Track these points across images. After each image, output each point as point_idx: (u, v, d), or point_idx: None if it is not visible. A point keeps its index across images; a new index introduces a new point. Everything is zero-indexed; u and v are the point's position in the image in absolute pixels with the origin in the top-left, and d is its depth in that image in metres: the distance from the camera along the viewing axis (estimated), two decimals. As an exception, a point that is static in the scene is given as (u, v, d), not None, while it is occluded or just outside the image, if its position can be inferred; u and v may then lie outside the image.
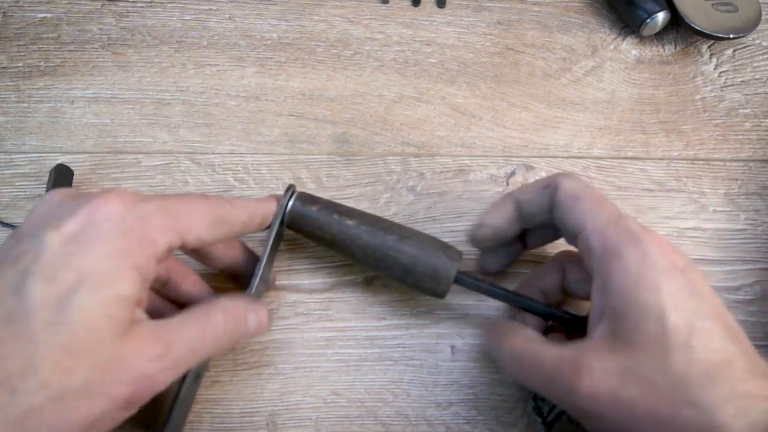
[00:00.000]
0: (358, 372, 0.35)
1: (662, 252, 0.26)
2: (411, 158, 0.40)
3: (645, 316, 0.25)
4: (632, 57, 0.43)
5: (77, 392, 0.23)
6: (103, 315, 0.23)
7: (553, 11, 0.44)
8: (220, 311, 0.28)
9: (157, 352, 0.25)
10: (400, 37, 0.43)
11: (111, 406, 0.23)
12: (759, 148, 0.41)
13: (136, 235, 0.25)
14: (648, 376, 0.24)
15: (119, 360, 0.23)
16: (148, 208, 0.26)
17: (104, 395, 0.23)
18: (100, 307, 0.23)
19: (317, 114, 0.41)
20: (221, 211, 0.29)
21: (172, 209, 0.27)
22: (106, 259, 0.24)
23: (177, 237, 0.26)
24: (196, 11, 0.43)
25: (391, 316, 0.36)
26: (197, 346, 0.26)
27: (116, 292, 0.24)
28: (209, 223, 0.28)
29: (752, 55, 0.44)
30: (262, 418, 0.34)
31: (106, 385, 0.23)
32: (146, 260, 0.25)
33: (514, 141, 0.41)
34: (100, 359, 0.23)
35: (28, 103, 0.41)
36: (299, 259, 0.37)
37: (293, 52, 0.43)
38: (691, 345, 0.24)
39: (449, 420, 0.34)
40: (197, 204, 0.28)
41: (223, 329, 0.27)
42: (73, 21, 0.43)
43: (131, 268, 0.24)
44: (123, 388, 0.24)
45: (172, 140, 0.40)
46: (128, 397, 0.24)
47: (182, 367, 0.26)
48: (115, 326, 0.24)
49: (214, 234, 0.28)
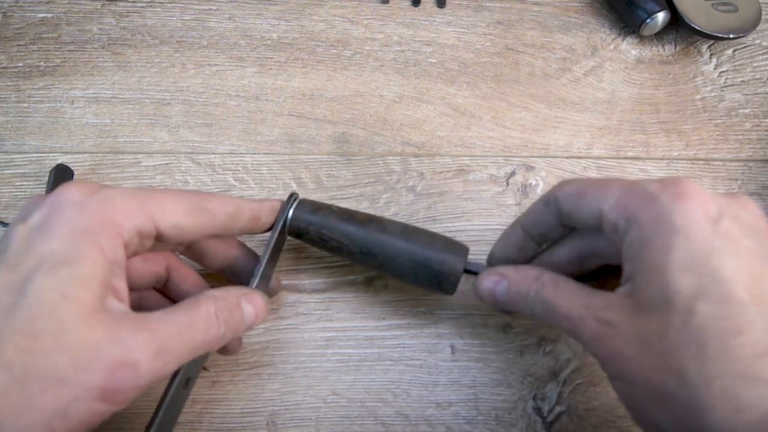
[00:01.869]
0: (358, 372, 0.35)
1: (684, 204, 0.23)
2: (411, 158, 0.40)
3: (651, 281, 0.23)
4: (632, 57, 0.43)
5: (42, 376, 0.22)
6: (61, 295, 0.22)
7: (553, 11, 0.44)
8: (210, 299, 0.27)
9: (139, 340, 0.23)
10: (400, 37, 0.43)
11: (83, 394, 0.22)
12: (759, 148, 0.41)
13: (98, 216, 0.24)
14: (650, 342, 0.23)
15: (92, 346, 0.22)
16: (111, 192, 0.26)
17: (74, 382, 0.22)
18: (57, 287, 0.23)
19: (317, 114, 0.41)
20: (199, 199, 0.28)
21: (139, 194, 0.26)
22: (64, 241, 0.23)
23: (147, 221, 0.26)
24: (196, 11, 0.43)
25: (391, 316, 0.36)
26: (186, 336, 0.25)
27: (74, 272, 0.23)
28: (186, 209, 0.27)
29: (752, 55, 0.44)
30: (262, 418, 0.34)
31: (76, 370, 0.22)
32: (110, 242, 0.24)
33: (514, 141, 0.41)
34: (66, 343, 0.22)
35: (28, 103, 0.41)
36: (299, 259, 0.37)
37: (293, 52, 0.43)
38: (694, 310, 0.22)
39: (449, 420, 0.35)
40: (171, 192, 0.28)
41: (215, 317, 0.26)
42: (73, 21, 0.43)
43: (92, 248, 0.24)
44: (97, 375, 0.22)
45: (172, 140, 0.40)
46: (104, 385, 0.22)
47: (171, 357, 0.24)
48: (77, 307, 0.23)
49: (193, 222, 0.28)
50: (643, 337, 0.23)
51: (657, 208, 0.24)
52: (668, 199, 0.24)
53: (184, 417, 0.34)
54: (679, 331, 0.22)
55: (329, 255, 0.37)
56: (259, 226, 0.31)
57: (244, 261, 0.33)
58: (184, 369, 0.28)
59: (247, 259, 0.33)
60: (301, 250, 0.37)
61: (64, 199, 0.25)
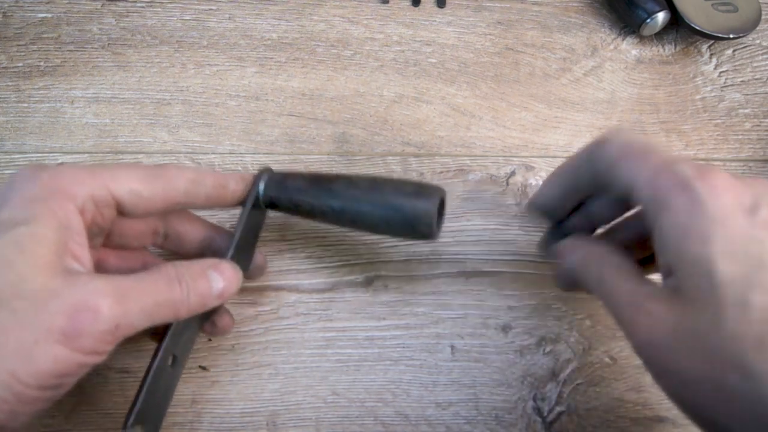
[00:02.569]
0: (358, 372, 0.35)
1: (718, 195, 0.23)
2: (411, 158, 0.40)
3: (694, 272, 0.22)
4: (632, 57, 0.43)
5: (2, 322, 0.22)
6: (18, 250, 0.23)
7: (553, 11, 0.44)
8: (171, 264, 0.27)
9: (98, 284, 0.24)
10: (400, 37, 0.43)
11: (44, 336, 0.22)
12: (759, 148, 0.41)
13: (49, 185, 0.26)
14: (699, 335, 0.22)
15: (51, 291, 0.23)
16: (62, 166, 0.27)
17: (34, 324, 0.22)
18: (13, 244, 0.23)
19: (317, 114, 0.41)
20: (156, 167, 0.28)
21: (91, 166, 0.27)
22: (15, 206, 0.25)
23: (100, 186, 0.26)
24: (196, 11, 0.43)
25: (391, 316, 0.36)
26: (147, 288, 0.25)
27: (30, 231, 0.24)
28: (141, 175, 0.28)
29: (752, 55, 0.44)
30: (262, 418, 0.34)
31: (36, 312, 0.22)
32: (61, 206, 0.25)
33: (514, 141, 0.41)
34: (25, 290, 0.23)
35: (28, 103, 0.41)
36: (299, 259, 0.37)
37: (293, 52, 0.43)
38: (748, 301, 0.21)
39: (449, 420, 0.35)
40: (124, 164, 0.29)
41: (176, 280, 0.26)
42: (73, 21, 0.43)
43: (44, 211, 0.25)
44: (57, 317, 0.23)
45: (172, 140, 0.40)
46: (64, 328, 0.22)
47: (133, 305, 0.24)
48: (35, 259, 0.23)
49: (150, 187, 0.28)
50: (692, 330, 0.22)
51: (691, 196, 0.23)
52: (704, 186, 0.23)
53: (183, 417, 0.34)
54: (737, 323, 0.21)
55: (329, 255, 0.37)
56: (228, 195, 0.31)
57: (222, 243, 0.33)
58: (166, 343, 0.28)
59: (225, 241, 0.33)
60: (301, 250, 0.37)
61: (17, 176, 0.26)
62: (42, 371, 0.22)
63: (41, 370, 0.22)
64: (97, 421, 0.34)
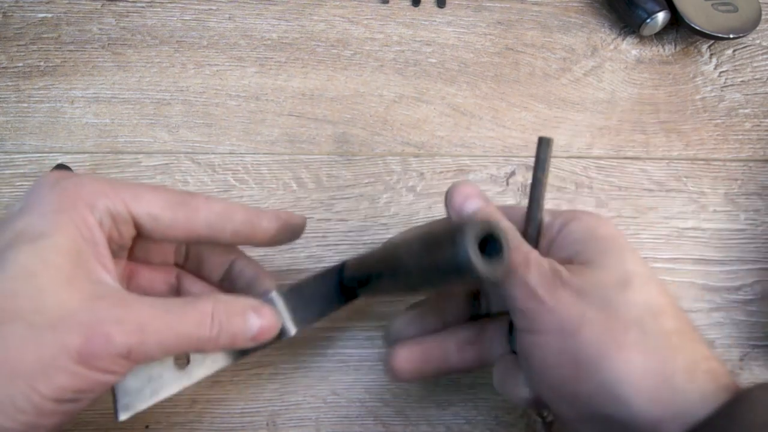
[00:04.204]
0: (358, 372, 0.35)
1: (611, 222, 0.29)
2: (411, 158, 0.40)
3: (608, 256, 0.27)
4: (632, 57, 0.43)
5: (21, 335, 0.22)
6: (40, 261, 0.23)
7: (553, 11, 0.44)
8: (210, 299, 0.26)
9: (114, 312, 0.24)
10: (400, 37, 0.43)
11: (62, 354, 0.22)
12: (759, 148, 0.41)
13: (71, 195, 0.25)
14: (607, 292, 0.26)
15: (69, 310, 0.23)
16: (84, 176, 0.27)
17: (51, 342, 0.22)
18: (34, 255, 0.23)
19: (317, 114, 0.41)
20: (182, 194, 0.28)
21: (112, 181, 0.27)
22: (39, 216, 0.25)
23: (118, 202, 0.26)
24: (196, 11, 0.43)
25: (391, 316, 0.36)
26: (171, 321, 0.25)
27: (52, 243, 0.24)
28: (164, 200, 0.27)
29: (752, 55, 0.44)
30: (262, 418, 0.34)
31: (53, 331, 0.23)
32: (82, 218, 0.25)
33: (514, 141, 0.41)
34: (44, 304, 0.23)
35: (28, 103, 0.41)
36: (300, 259, 0.37)
37: (293, 52, 0.43)
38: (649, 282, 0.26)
39: (449, 420, 0.35)
40: (153, 185, 0.28)
41: (209, 316, 0.26)
42: (73, 21, 0.43)
43: (66, 221, 0.25)
44: (73, 338, 0.23)
45: (172, 140, 0.40)
46: (80, 348, 0.23)
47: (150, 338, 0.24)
48: (55, 273, 0.23)
49: (172, 215, 0.27)
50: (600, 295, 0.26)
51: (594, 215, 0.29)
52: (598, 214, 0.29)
53: (183, 417, 0.34)
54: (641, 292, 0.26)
55: (329, 255, 0.37)
56: (258, 234, 0.29)
57: (246, 272, 0.31)
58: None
59: (249, 270, 0.32)
60: (302, 250, 0.37)
61: (39, 183, 0.26)
62: (60, 386, 0.23)
63: (59, 385, 0.23)
64: (97, 421, 0.34)
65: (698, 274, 0.38)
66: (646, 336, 0.24)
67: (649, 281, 0.26)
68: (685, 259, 0.38)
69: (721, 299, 0.37)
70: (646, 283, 0.26)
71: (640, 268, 0.26)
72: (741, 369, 0.36)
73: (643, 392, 0.24)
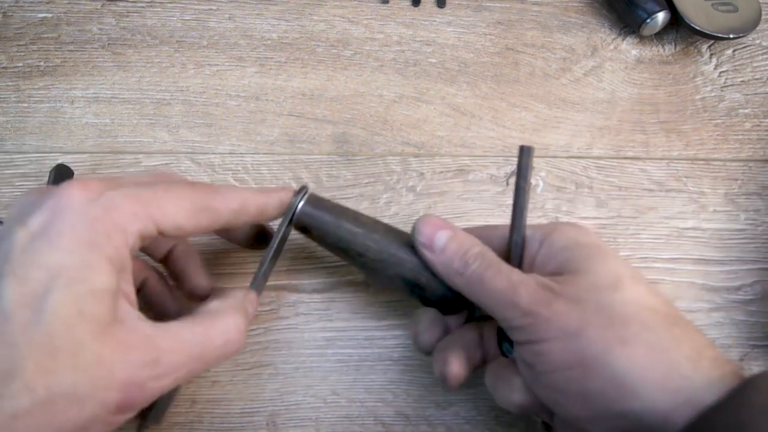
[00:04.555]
0: (358, 372, 0.35)
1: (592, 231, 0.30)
2: (411, 158, 0.40)
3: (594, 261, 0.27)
4: (632, 57, 0.43)
5: (64, 395, 0.22)
6: (78, 312, 0.23)
7: (553, 11, 0.44)
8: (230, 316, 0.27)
9: (146, 359, 0.24)
10: (400, 37, 0.43)
11: (101, 410, 0.23)
12: (759, 148, 0.41)
13: (103, 224, 0.24)
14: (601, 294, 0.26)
15: (104, 364, 0.23)
16: (114, 195, 0.25)
17: (93, 399, 0.23)
18: (74, 304, 0.23)
19: (317, 114, 0.41)
20: (203, 198, 0.27)
21: (142, 195, 0.26)
22: (73, 253, 0.23)
23: (150, 224, 0.25)
24: (196, 11, 0.43)
25: (391, 316, 0.36)
26: (198, 353, 0.25)
27: (89, 287, 0.23)
28: (189, 210, 0.27)
29: (752, 55, 0.44)
30: (262, 418, 0.34)
31: (94, 389, 0.23)
32: (116, 251, 0.24)
33: (514, 141, 0.41)
34: (83, 361, 0.22)
35: (28, 103, 0.41)
36: (299, 259, 0.37)
37: (293, 52, 0.43)
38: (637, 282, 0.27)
39: (449, 420, 0.35)
40: (174, 190, 0.27)
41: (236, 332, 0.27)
42: (73, 21, 0.43)
43: (101, 259, 0.24)
44: (112, 393, 0.23)
45: (172, 140, 0.40)
46: (119, 402, 0.23)
47: (180, 374, 0.25)
48: (93, 323, 0.23)
49: (196, 222, 0.27)
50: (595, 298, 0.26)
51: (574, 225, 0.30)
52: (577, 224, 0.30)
53: (184, 417, 0.34)
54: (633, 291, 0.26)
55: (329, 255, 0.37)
56: (265, 218, 0.31)
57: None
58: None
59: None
60: (301, 250, 0.37)
61: (65, 204, 0.24)
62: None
63: None
64: (97, 421, 0.34)
65: (698, 274, 0.38)
66: (648, 329, 0.25)
67: (638, 282, 0.27)
68: (685, 259, 0.38)
69: (721, 299, 0.37)
70: (636, 283, 0.27)
71: (628, 270, 0.27)
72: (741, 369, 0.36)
73: (651, 383, 0.24)
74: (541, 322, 0.26)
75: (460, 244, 0.29)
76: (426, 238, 0.30)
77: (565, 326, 0.26)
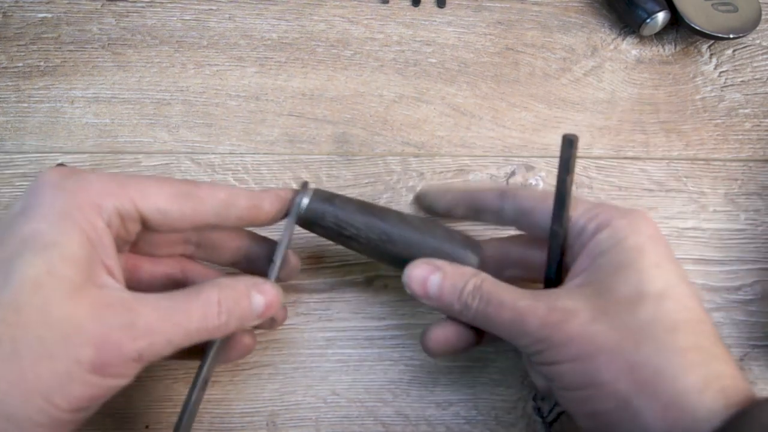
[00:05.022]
0: (358, 372, 0.35)
1: (648, 223, 0.28)
2: (411, 158, 0.40)
3: (626, 271, 0.26)
4: (632, 57, 0.43)
5: (32, 349, 0.22)
6: (46, 272, 0.23)
7: (553, 11, 0.44)
8: (215, 287, 0.26)
9: (121, 320, 0.24)
10: (400, 37, 0.43)
11: (76, 368, 0.23)
12: (759, 148, 0.41)
13: (75, 198, 0.25)
14: (617, 316, 0.25)
15: (75, 321, 0.23)
16: (89, 175, 0.26)
17: (65, 355, 0.22)
18: (42, 264, 0.23)
19: (317, 114, 0.41)
20: (187, 184, 0.28)
21: (119, 177, 0.26)
22: (46, 223, 0.24)
23: (126, 201, 0.26)
24: (196, 11, 0.43)
25: (391, 316, 0.36)
26: (178, 319, 0.25)
27: (60, 252, 0.23)
28: (170, 194, 0.27)
29: (752, 55, 0.44)
30: (262, 418, 0.34)
31: (65, 345, 0.23)
32: (90, 223, 0.25)
33: (514, 141, 0.41)
34: (52, 317, 0.23)
35: (28, 103, 0.41)
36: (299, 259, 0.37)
37: (293, 52, 0.43)
38: (665, 298, 0.26)
39: (449, 420, 0.35)
40: (157, 177, 0.28)
41: (216, 305, 0.26)
42: (73, 21, 0.43)
43: (73, 228, 0.24)
44: (84, 350, 0.23)
45: (172, 140, 0.40)
46: (93, 358, 0.23)
47: (159, 338, 0.24)
48: (63, 283, 0.23)
49: (179, 207, 0.27)
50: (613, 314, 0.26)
51: (630, 219, 0.28)
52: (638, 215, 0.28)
53: (184, 417, 0.34)
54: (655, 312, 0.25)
55: (329, 255, 0.37)
56: (261, 216, 0.30)
57: (259, 251, 0.32)
58: (205, 372, 0.28)
59: (262, 249, 0.32)
60: (301, 250, 0.37)
61: (41, 182, 0.25)
62: (76, 396, 0.23)
63: (75, 396, 0.23)
64: (97, 421, 0.34)
65: (698, 274, 0.38)
66: (659, 354, 0.25)
67: (666, 297, 0.26)
68: (685, 259, 0.38)
69: (721, 299, 0.37)
70: (662, 299, 0.26)
71: (657, 284, 0.26)
72: (741, 369, 0.36)
73: (654, 410, 0.24)
74: (554, 347, 0.26)
75: (453, 285, 0.29)
76: (419, 288, 0.29)
77: (579, 351, 0.26)
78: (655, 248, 0.27)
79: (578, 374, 0.26)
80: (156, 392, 0.34)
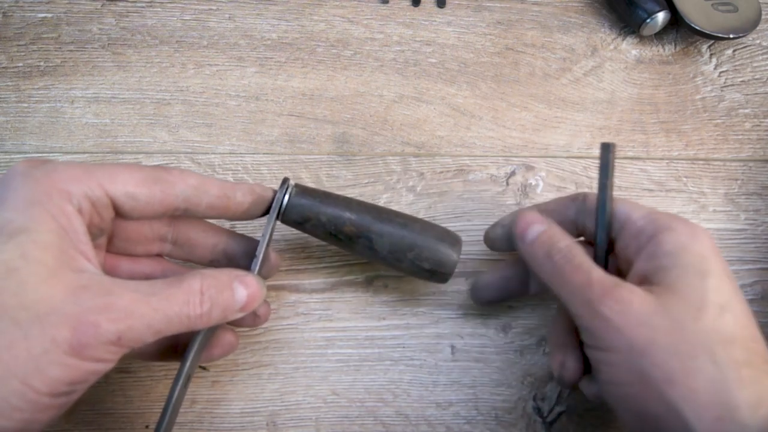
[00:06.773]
0: (358, 372, 0.35)
1: (707, 234, 0.28)
2: (411, 158, 0.40)
3: (693, 276, 0.26)
4: (632, 57, 0.43)
5: (9, 332, 0.22)
6: (20, 257, 0.23)
7: (553, 11, 0.44)
8: (197, 276, 0.26)
9: (99, 302, 0.24)
10: (400, 37, 0.43)
11: (53, 348, 0.22)
12: (759, 148, 0.41)
13: (42, 185, 0.25)
14: (679, 317, 0.25)
15: (54, 303, 0.23)
16: (57, 163, 0.26)
17: (41, 335, 0.22)
18: (14, 249, 0.23)
19: (317, 114, 0.41)
20: (157, 170, 0.28)
21: (87, 165, 0.27)
22: (16, 210, 0.24)
23: (95, 187, 0.26)
24: (196, 11, 0.43)
25: (391, 316, 0.36)
26: (158, 304, 0.25)
27: (32, 238, 0.24)
28: (139, 178, 0.27)
29: (752, 55, 0.44)
30: (262, 418, 0.34)
31: (41, 325, 0.23)
32: (59, 209, 0.25)
33: (514, 141, 0.41)
34: (27, 299, 0.23)
35: (28, 103, 0.41)
36: (299, 259, 0.37)
37: (293, 52, 0.43)
38: (726, 311, 0.26)
39: (449, 420, 0.35)
40: (126, 164, 0.28)
41: (199, 293, 0.26)
42: (73, 21, 0.43)
43: (43, 214, 0.24)
44: (61, 330, 0.23)
45: (172, 140, 0.40)
46: (70, 339, 0.23)
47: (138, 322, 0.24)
48: (37, 268, 0.23)
49: (149, 192, 0.27)
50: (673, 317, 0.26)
51: (691, 227, 0.28)
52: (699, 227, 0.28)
53: (183, 417, 0.34)
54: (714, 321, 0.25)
55: (329, 255, 0.37)
56: (232, 206, 0.29)
57: (237, 249, 0.32)
58: (187, 368, 0.28)
59: (240, 246, 0.32)
60: (301, 250, 0.37)
61: (11, 174, 0.26)
62: (54, 379, 0.23)
63: (53, 378, 0.23)
64: (97, 421, 0.34)
65: (698, 274, 0.38)
66: (715, 365, 0.24)
67: (726, 311, 0.26)
68: (685, 259, 0.38)
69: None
70: (723, 311, 0.26)
71: (721, 296, 0.26)
72: None
73: (705, 422, 0.24)
74: (610, 329, 0.26)
75: (550, 237, 0.30)
76: (520, 229, 0.31)
77: (633, 341, 0.25)
78: (718, 260, 0.27)
79: (628, 367, 0.26)
80: (156, 392, 0.34)
